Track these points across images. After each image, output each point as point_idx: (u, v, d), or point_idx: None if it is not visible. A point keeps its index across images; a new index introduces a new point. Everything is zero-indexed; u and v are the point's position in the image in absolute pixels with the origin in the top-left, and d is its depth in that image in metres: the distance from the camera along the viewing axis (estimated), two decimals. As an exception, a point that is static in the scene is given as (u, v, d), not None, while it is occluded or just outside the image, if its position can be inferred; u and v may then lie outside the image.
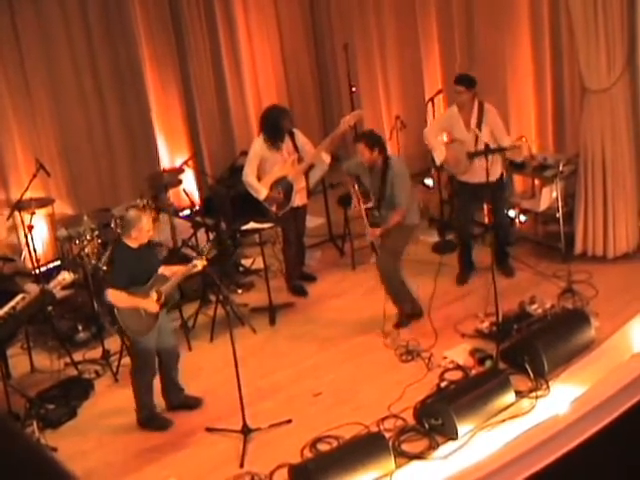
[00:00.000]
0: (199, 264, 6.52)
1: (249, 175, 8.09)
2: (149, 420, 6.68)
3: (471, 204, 8.19)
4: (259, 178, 8.08)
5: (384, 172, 7.23)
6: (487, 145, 7.36)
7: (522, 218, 8.72)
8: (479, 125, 7.75)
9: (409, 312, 7.54)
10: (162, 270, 6.56)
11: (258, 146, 8.11)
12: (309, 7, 11.36)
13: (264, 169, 8.05)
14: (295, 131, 8.18)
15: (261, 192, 8.04)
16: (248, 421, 6.34)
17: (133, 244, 6.40)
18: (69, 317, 8.13)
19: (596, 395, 6.18)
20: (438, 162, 8.13)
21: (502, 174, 7.96)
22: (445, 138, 7.91)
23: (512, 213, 8.71)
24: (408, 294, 7.49)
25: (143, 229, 6.38)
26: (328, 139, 8.27)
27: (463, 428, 6.04)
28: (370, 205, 7.34)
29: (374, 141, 7.23)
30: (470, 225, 8.36)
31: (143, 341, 6.46)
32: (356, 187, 7.40)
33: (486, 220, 8.60)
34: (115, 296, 6.34)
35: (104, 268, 7.66)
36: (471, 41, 9.51)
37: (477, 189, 7.86)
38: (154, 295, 6.41)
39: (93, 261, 8.16)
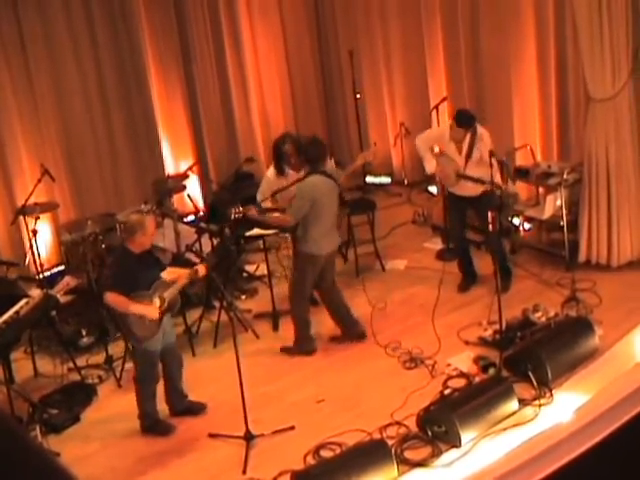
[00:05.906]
0: (202, 270, 6.53)
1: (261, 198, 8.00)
2: (152, 425, 6.68)
3: (461, 213, 8.18)
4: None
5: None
6: (479, 177, 7.37)
7: (526, 226, 8.73)
8: (470, 149, 7.72)
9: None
10: (165, 274, 6.54)
11: (270, 174, 8.08)
12: (314, 13, 11.41)
13: (277, 198, 7.95)
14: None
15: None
16: (251, 427, 6.33)
17: (136, 249, 6.39)
18: (73, 322, 8.14)
19: (600, 403, 6.13)
20: (428, 172, 8.16)
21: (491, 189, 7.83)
22: (437, 149, 7.86)
23: (516, 221, 8.71)
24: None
25: (148, 231, 6.38)
26: (344, 173, 7.91)
27: (466, 436, 6.04)
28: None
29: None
30: (463, 233, 8.32)
31: (147, 344, 6.46)
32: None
33: (490, 227, 8.56)
34: (114, 298, 6.31)
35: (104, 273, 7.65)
36: (476, 49, 9.53)
37: (466, 200, 7.93)
38: (157, 301, 6.40)
39: (97, 266, 8.18)
